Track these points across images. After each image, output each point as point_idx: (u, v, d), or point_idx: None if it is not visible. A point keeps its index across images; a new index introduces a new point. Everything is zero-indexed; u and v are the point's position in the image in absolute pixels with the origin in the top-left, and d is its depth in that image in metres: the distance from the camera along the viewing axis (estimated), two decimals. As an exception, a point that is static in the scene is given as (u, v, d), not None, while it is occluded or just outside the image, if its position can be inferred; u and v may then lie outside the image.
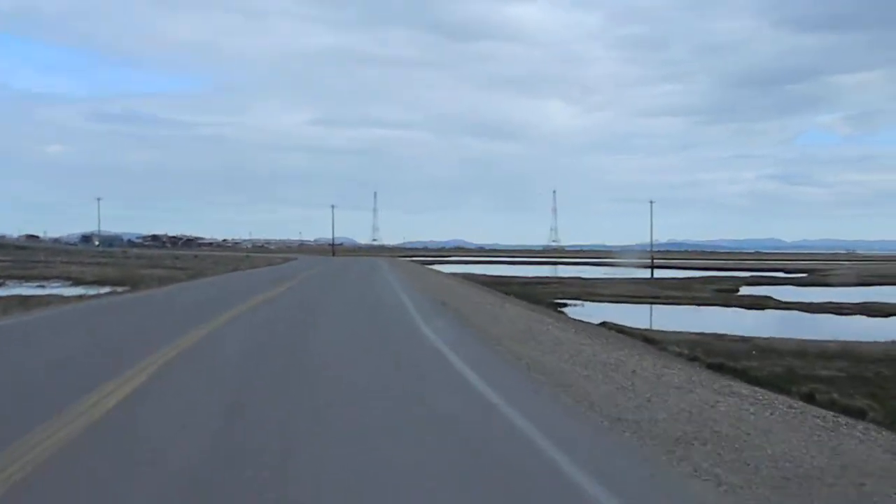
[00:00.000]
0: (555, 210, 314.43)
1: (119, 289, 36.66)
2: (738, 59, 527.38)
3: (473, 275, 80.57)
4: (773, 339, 29.57)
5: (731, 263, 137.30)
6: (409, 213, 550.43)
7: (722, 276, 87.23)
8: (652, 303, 50.41)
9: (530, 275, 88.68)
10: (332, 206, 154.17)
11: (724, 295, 58.05)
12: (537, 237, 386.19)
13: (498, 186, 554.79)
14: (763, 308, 47.23)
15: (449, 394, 10.69)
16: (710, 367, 20.35)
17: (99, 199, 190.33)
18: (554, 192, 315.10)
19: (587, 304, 49.42)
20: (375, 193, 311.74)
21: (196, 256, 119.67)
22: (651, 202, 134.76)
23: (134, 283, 39.17)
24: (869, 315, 43.90)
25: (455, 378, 11.95)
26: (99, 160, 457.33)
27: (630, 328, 31.42)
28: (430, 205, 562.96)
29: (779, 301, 50.26)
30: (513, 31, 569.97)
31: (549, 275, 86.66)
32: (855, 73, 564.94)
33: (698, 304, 49.56)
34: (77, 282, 52.05)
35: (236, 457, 7.25)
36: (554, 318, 31.18)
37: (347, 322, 21.48)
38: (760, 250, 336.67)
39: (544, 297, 50.73)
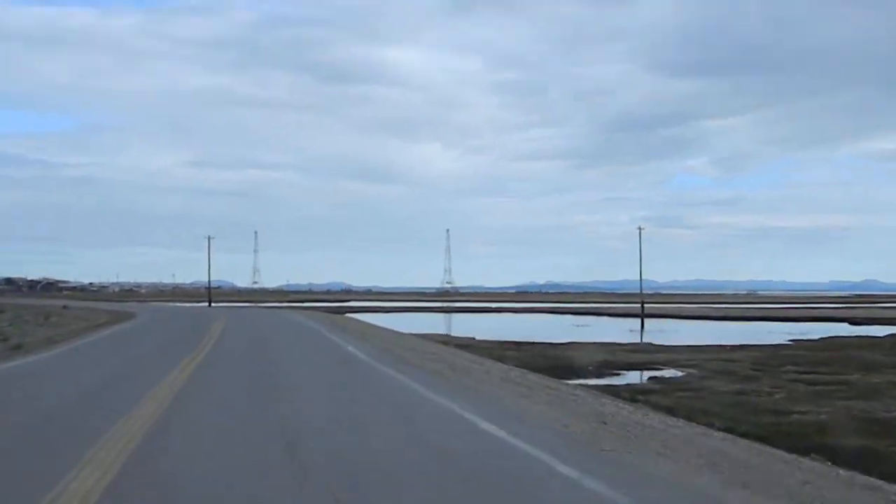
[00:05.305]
0: (448, 250, 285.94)
1: None
2: (612, 103, 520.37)
3: (451, 336, 49.75)
4: None
5: (719, 309, 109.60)
6: (286, 253, 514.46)
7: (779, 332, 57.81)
8: None
9: (521, 335, 56.81)
10: (209, 238, 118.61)
11: None
12: (424, 279, 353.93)
13: (378, 228, 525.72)
14: None
15: None
16: None
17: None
18: (447, 230, 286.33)
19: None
20: (256, 232, 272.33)
21: None
22: (640, 228, 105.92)
23: None
24: None
25: None
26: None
27: None
28: (309, 244, 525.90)
29: None
30: (391, 74, 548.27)
31: (562, 339, 55.67)
32: (722, 118, 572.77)
33: None
34: None
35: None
36: None
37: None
38: (634, 291, 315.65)
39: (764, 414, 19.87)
